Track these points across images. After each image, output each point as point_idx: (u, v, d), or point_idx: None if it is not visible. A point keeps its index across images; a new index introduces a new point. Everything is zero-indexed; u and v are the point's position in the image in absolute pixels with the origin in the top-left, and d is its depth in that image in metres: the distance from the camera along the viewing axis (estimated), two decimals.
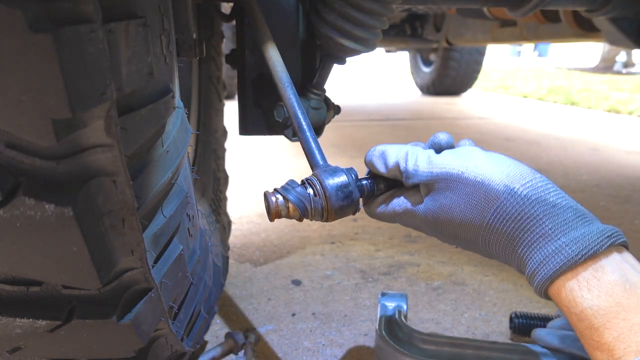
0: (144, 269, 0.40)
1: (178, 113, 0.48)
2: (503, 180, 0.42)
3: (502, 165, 0.43)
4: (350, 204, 0.49)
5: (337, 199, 0.48)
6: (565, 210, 0.40)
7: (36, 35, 0.24)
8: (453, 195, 0.43)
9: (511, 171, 0.42)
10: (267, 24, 0.69)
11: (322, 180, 0.48)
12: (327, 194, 0.48)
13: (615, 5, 0.92)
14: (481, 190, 0.42)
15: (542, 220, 0.40)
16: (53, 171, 0.30)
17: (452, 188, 0.44)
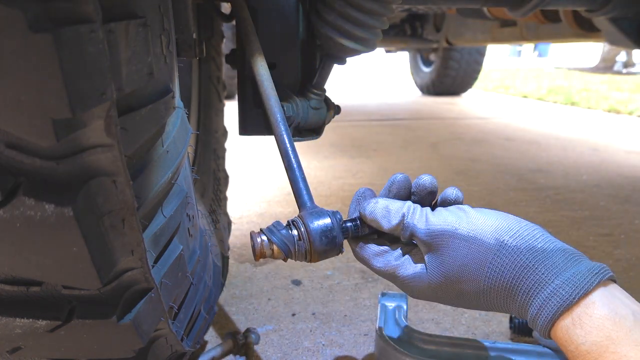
0: (144, 269, 0.40)
1: (178, 113, 0.48)
2: (493, 234, 0.44)
3: (491, 219, 0.46)
4: (334, 247, 0.50)
5: (320, 243, 0.49)
6: (554, 253, 0.43)
7: (36, 35, 0.24)
8: (451, 251, 0.46)
9: (499, 224, 0.45)
10: (267, 24, 0.69)
11: (307, 224, 0.50)
12: (311, 238, 0.49)
13: (615, 5, 0.92)
14: (475, 245, 0.45)
15: (534, 268, 0.43)
16: (53, 171, 0.30)
17: (449, 245, 0.46)
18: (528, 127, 3.38)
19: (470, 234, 0.45)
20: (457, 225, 0.46)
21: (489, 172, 2.12)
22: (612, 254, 1.30)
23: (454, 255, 0.46)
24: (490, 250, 0.44)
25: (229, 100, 3.57)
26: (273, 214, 1.60)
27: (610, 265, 1.23)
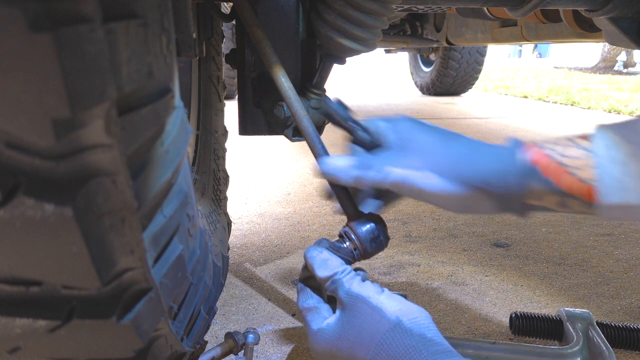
0: (144, 268, 0.40)
1: (178, 113, 0.48)
2: (395, 313, 0.51)
3: (398, 302, 0.52)
4: (381, 248, 0.60)
5: (371, 248, 0.59)
6: (436, 344, 0.49)
7: (36, 35, 0.24)
8: (357, 314, 0.53)
9: (404, 308, 0.52)
10: (267, 23, 0.69)
11: (357, 234, 0.58)
12: (363, 245, 0.58)
13: (615, 5, 0.92)
14: (377, 315, 0.51)
15: (419, 349, 0.48)
16: (53, 171, 0.30)
17: (357, 308, 0.53)
18: (528, 127, 3.38)
19: (378, 306, 0.51)
20: (371, 296, 0.52)
21: None
22: (612, 254, 1.30)
23: (359, 318, 0.52)
24: (388, 323, 0.50)
25: (229, 100, 3.57)
26: (273, 214, 1.60)
27: (610, 265, 1.23)
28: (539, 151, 0.50)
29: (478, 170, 0.52)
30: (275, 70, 0.65)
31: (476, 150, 0.53)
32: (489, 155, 0.52)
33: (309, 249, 0.58)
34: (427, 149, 0.54)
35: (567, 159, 0.49)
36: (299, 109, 0.63)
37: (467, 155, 0.53)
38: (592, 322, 0.82)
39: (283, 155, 2.48)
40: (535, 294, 1.08)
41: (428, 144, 0.54)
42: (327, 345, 0.54)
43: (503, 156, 0.52)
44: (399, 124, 0.57)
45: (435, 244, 1.36)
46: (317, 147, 0.61)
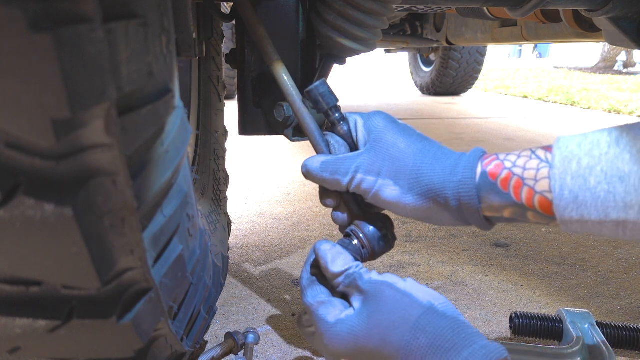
0: (144, 269, 0.40)
1: (178, 113, 0.48)
2: (427, 297, 0.50)
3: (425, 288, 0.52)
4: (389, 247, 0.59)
5: (379, 247, 0.58)
6: (468, 326, 0.48)
7: (36, 35, 0.24)
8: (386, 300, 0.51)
9: (432, 293, 0.51)
10: (267, 24, 0.69)
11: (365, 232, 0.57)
12: (371, 244, 0.57)
13: (615, 5, 0.92)
14: (408, 300, 0.50)
15: (457, 331, 0.47)
16: (53, 171, 0.30)
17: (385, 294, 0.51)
18: (528, 127, 3.38)
19: (407, 291, 0.50)
20: (398, 282, 0.51)
21: None
22: (612, 254, 1.30)
23: (387, 304, 0.50)
24: (421, 307, 0.49)
25: (229, 100, 3.57)
26: (273, 214, 1.60)
27: (610, 265, 1.23)
28: (499, 164, 0.50)
29: (435, 184, 0.52)
30: (277, 69, 0.64)
31: (437, 160, 0.53)
32: (449, 167, 0.52)
33: (321, 242, 0.56)
34: (392, 154, 0.54)
35: (526, 172, 0.48)
36: (301, 106, 0.63)
37: (426, 166, 0.53)
38: (592, 322, 0.82)
39: (283, 155, 2.48)
40: (535, 294, 1.08)
41: (394, 148, 0.55)
42: (351, 336, 0.51)
43: (463, 169, 0.51)
44: (372, 122, 0.57)
45: (435, 244, 1.36)
46: (319, 145, 0.61)
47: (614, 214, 0.43)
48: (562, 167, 0.45)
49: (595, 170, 0.44)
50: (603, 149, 0.44)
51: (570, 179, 0.44)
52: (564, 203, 0.45)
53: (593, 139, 0.45)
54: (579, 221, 0.45)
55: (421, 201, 0.53)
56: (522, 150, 0.50)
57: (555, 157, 0.46)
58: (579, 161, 0.44)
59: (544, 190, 0.47)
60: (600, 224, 0.45)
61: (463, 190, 0.50)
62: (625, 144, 0.43)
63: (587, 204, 0.44)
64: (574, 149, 0.45)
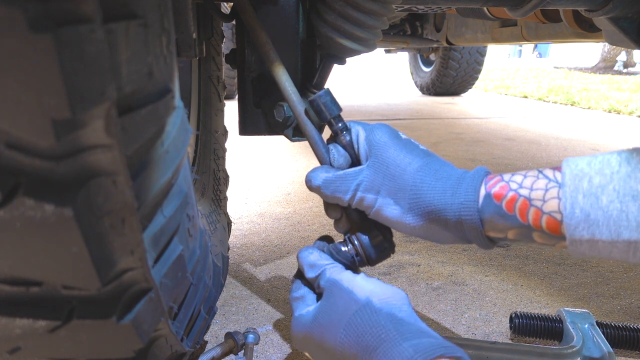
0: (144, 269, 0.40)
1: (178, 113, 0.48)
2: (366, 294, 0.51)
3: (372, 284, 0.52)
4: (386, 256, 0.60)
5: (375, 255, 0.60)
6: (407, 323, 0.48)
7: (36, 35, 0.24)
8: (332, 298, 0.53)
9: (376, 288, 0.51)
10: (268, 24, 0.69)
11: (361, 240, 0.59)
12: (366, 252, 0.59)
13: (615, 5, 0.92)
14: (347, 297, 0.51)
15: (387, 328, 0.47)
16: (53, 171, 0.30)
17: (333, 293, 0.53)
18: (528, 127, 3.38)
19: (348, 287, 0.52)
20: (344, 279, 0.53)
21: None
22: None
23: (331, 301, 0.53)
24: (356, 304, 0.50)
25: (229, 100, 3.56)
26: (273, 214, 1.60)
27: (610, 265, 1.23)
28: (504, 186, 0.49)
29: (436, 205, 0.51)
30: (277, 70, 0.65)
31: (438, 180, 0.52)
32: (451, 187, 0.51)
33: (301, 250, 0.59)
34: (393, 172, 0.54)
35: (533, 192, 0.47)
36: (301, 110, 0.63)
37: (427, 185, 0.52)
38: (592, 322, 0.82)
39: (283, 155, 2.48)
40: (535, 294, 1.08)
41: (394, 166, 0.54)
42: (302, 330, 0.55)
43: (465, 191, 0.50)
44: (374, 136, 0.57)
45: (435, 244, 1.36)
46: (319, 147, 0.61)
47: (627, 233, 0.42)
48: (572, 186, 0.44)
49: (607, 189, 0.43)
50: (614, 168, 0.43)
51: (582, 197, 0.43)
52: (574, 222, 0.44)
53: (603, 158, 0.44)
54: (589, 241, 0.44)
55: (421, 221, 0.53)
56: (529, 171, 0.49)
57: (566, 176, 0.45)
58: (590, 179, 0.44)
59: (552, 211, 0.46)
60: (611, 244, 0.43)
61: (465, 212, 0.50)
62: (636, 163, 0.42)
63: (599, 223, 0.43)
64: (584, 167, 0.44)
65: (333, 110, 0.59)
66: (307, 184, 0.59)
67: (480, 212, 0.49)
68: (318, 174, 0.58)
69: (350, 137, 0.59)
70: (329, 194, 0.57)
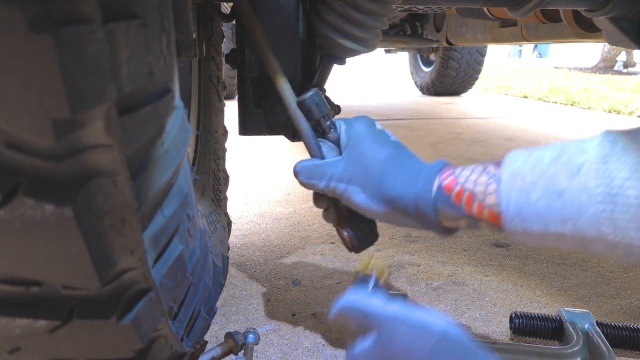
0: (144, 269, 0.40)
1: (178, 113, 0.48)
2: (440, 324, 0.49)
3: (436, 314, 0.51)
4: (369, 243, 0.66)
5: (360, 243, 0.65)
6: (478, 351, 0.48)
7: (36, 35, 0.24)
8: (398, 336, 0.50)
9: (443, 317, 0.50)
10: (267, 24, 0.69)
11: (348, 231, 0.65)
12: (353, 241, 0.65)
13: (615, 5, 0.92)
14: (422, 332, 0.49)
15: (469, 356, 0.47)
16: (53, 171, 0.30)
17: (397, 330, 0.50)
18: (528, 127, 3.38)
19: (421, 321, 0.49)
20: (410, 313, 0.50)
21: None
22: None
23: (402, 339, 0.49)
24: (435, 336, 0.48)
25: (229, 100, 3.57)
26: (273, 214, 1.60)
27: (610, 265, 1.23)
28: (454, 179, 0.53)
29: (397, 194, 0.56)
30: (274, 72, 0.65)
31: (401, 172, 0.57)
32: (410, 179, 0.56)
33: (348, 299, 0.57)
34: (362, 162, 0.59)
35: (477, 187, 0.51)
36: (297, 112, 0.64)
37: (391, 176, 0.57)
38: (592, 322, 0.82)
39: (283, 155, 2.48)
40: (535, 294, 1.08)
41: (364, 156, 0.59)
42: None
43: (423, 182, 0.55)
44: (352, 128, 0.62)
45: (435, 244, 1.36)
46: (312, 148, 0.63)
47: (554, 227, 0.46)
48: (508, 184, 0.49)
49: (536, 186, 0.47)
50: (544, 166, 0.47)
51: (515, 194, 0.48)
52: (509, 216, 0.49)
53: (537, 155, 0.48)
54: (524, 233, 0.49)
55: (384, 208, 0.58)
56: (476, 165, 0.54)
57: (503, 174, 0.49)
58: (523, 178, 0.48)
59: (492, 204, 0.50)
60: (542, 236, 0.48)
61: (420, 202, 0.55)
62: (564, 162, 0.46)
63: (530, 217, 0.47)
64: (520, 165, 0.49)
65: (323, 109, 0.63)
66: (294, 172, 0.63)
67: (434, 202, 0.54)
68: (300, 163, 0.62)
69: (337, 132, 0.64)
70: (305, 180, 0.61)
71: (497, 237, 1.41)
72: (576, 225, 0.45)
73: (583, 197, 0.44)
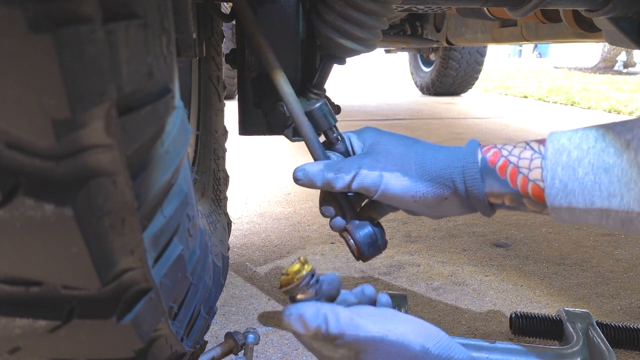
0: (144, 269, 0.40)
1: (178, 113, 0.48)
2: (419, 341, 0.48)
3: (417, 327, 0.50)
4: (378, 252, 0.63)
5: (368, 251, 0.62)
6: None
7: (36, 35, 0.24)
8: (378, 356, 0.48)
9: (424, 331, 0.49)
10: (267, 24, 0.69)
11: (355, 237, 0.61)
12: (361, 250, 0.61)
13: (615, 5, 0.92)
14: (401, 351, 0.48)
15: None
16: (53, 171, 0.30)
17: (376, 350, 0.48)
18: (528, 127, 3.38)
19: (399, 340, 0.48)
20: (387, 332, 0.48)
21: None
22: (612, 254, 1.30)
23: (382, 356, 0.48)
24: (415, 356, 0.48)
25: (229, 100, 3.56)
26: (273, 214, 1.60)
27: (611, 265, 1.23)
28: (497, 152, 0.53)
29: (443, 169, 0.54)
30: (275, 73, 0.65)
31: (438, 151, 0.56)
32: (451, 155, 0.54)
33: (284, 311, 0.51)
34: (393, 151, 0.57)
35: (520, 161, 0.51)
36: (299, 113, 0.63)
37: (430, 156, 0.55)
38: (592, 322, 0.82)
39: (283, 155, 2.48)
40: (535, 294, 1.08)
41: (393, 146, 0.57)
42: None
43: (464, 155, 0.54)
44: (365, 134, 0.61)
45: (435, 244, 1.36)
46: (317, 151, 0.62)
47: (599, 202, 0.46)
48: (553, 159, 0.48)
49: (583, 162, 0.47)
50: (591, 143, 0.47)
51: (561, 169, 0.48)
52: (554, 191, 0.48)
53: (583, 133, 0.48)
54: (568, 209, 0.48)
55: (430, 188, 0.54)
56: (518, 142, 0.53)
57: (548, 149, 0.49)
58: (569, 153, 0.48)
59: (536, 179, 0.50)
60: (586, 212, 0.48)
61: (468, 174, 0.53)
62: (610, 139, 0.46)
63: (575, 192, 0.47)
64: (565, 142, 0.48)
65: (330, 121, 0.62)
66: (300, 174, 0.58)
67: (481, 174, 0.53)
68: (315, 163, 0.59)
69: (344, 144, 0.62)
70: (332, 175, 0.56)
71: (497, 237, 1.41)
72: (623, 200, 0.45)
73: (633, 172, 0.44)
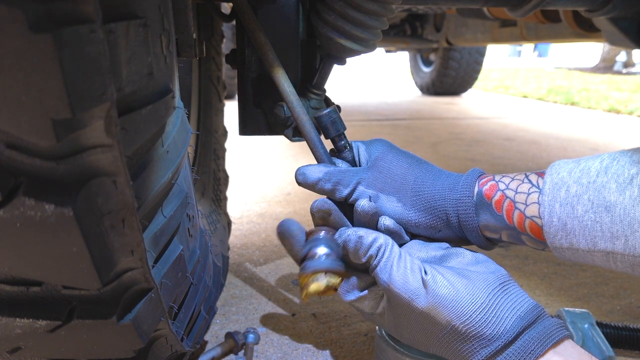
0: (144, 269, 0.40)
1: (178, 113, 0.48)
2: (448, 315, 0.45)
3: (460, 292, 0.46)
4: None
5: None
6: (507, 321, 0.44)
7: (36, 35, 0.24)
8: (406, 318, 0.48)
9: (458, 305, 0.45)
10: (267, 24, 0.69)
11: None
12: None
13: (615, 5, 0.92)
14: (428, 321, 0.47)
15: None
16: (53, 171, 0.30)
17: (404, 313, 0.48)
18: (528, 127, 3.38)
19: (425, 311, 0.45)
20: (416, 296, 0.45)
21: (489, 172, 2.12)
22: None
23: (408, 321, 0.48)
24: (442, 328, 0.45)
25: (229, 100, 3.56)
26: (273, 214, 1.60)
27: None
28: (494, 185, 0.50)
29: (436, 200, 0.52)
30: (275, 71, 0.65)
31: (437, 179, 0.53)
32: (449, 185, 0.52)
33: (342, 232, 0.56)
34: (394, 172, 0.55)
35: (517, 195, 0.48)
36: (300, 112, 0.63)
37: (429, 184, 0.53)
38: (592, 322, 0.82)
39: (283, 155, 2.48)
40: (535, 294, 1.08)
41: (395, 167, 0.56)
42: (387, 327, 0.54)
43: (462, 187, 0.52)
44: (373, 146, 0.60)
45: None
46: (318, 151, 0.62)
47: (602, 244, 0.42)
48: (551, 194, 0.45)
49: (582, 199, 0.43)
50: (592, 177, 0.43)
51: (559, 206, 0.44)
52: (553, 230, 0.45)
53: (585, 165, 0.45)
54: (570, 249, 0.44)
55: (423, 217, 0.53)
56: (517, 174, 0.50)
57: (546, 183, 0.46)
58: (567, 188, 0.44)
59: (534, 216, 0.46)
60: (590, 253, 0.44)
61: (461, 207, 0.51)
62: (613, 172, 0.42)
63: (576, 232, 0.43)
64: (565, 175, 0.45)
65: (338, 127, 0.62)
66: (301, 177, 0.58)
67: (476, 209, 0.50)
68: (316, 167, 0.58)
69: (352, 153, 0.61)
70: (329, 186, 0.56)
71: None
72: (628, 243, 0.41)
73: (636, 211, 0.40)
